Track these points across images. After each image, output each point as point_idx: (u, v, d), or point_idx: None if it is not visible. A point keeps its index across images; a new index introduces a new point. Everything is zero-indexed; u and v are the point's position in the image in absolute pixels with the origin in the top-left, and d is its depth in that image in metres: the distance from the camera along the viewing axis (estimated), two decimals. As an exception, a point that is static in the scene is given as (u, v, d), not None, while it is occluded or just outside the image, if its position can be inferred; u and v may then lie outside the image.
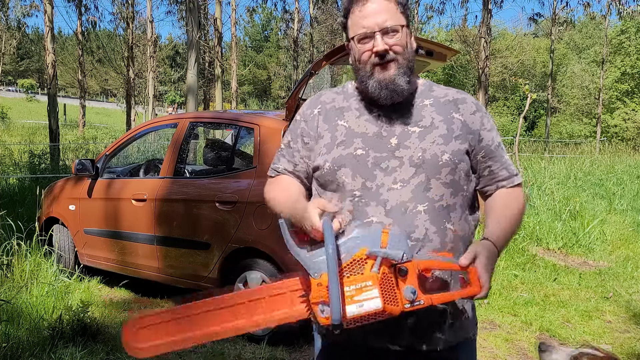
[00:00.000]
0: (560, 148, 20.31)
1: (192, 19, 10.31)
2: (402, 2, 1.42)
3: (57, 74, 12.93)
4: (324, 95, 1.54)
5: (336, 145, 1.43)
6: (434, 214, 1.37)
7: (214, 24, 21.18)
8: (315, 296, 1.21)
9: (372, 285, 1.18)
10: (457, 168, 1.39)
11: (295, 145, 1.52)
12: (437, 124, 1.42)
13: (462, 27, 25.88)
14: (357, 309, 1.18)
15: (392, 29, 1.38)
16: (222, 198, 3.80)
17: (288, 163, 1.52)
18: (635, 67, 28.15)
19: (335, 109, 1.49)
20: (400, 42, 1.39)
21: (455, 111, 1.45)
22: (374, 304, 1.18)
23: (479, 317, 4.31)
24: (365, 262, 1.20)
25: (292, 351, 3.52)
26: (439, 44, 3.97)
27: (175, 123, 4.50)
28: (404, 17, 1.42)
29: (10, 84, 56.22)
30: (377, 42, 1.38)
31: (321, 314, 1.20)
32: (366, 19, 1.39)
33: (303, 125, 1.51)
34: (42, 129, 24.03)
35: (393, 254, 1.19)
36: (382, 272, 1.19)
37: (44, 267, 4.35)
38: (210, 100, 30.45)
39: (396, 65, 1.40)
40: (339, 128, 1.45)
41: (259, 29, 56.62)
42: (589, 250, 6.26)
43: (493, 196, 1.48)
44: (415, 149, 1.39)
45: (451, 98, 1.48)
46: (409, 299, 1.21)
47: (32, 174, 9.54)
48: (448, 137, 1.41)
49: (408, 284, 1.21)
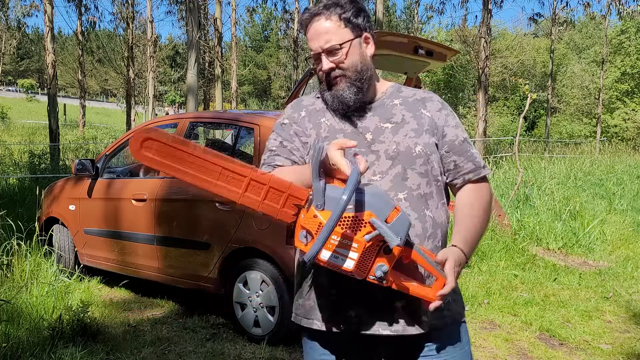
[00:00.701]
0: (560, 148, 20.30)
1: (192, 19, 10.31)
2: (346, 17, 1.49)
3: (57, 74, 12.94)
4: (304, 100, 1.64)
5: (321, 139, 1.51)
6: (414, 202, 1.46)
7: (214, 24, 21.19)
8: (305, 223, 1.26)
9: (356, 249, 1.24)
10: (430, 159, 1.50)
11: (291, 145, 1.57)
12: (407, 120, 1.53)
13: (462, 27, 25.89)
14: (332, 258, 1.24)
15: (334, 49, 1.48)
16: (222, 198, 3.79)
17: (285, 160, 1.56)
18: (635, 67, 28.13)
19: (317, 111, 1.59)
20: (343, 58, 1.49)
21: (423, 108, 1.56)
22: (347, 263, 1.25)
23: (478, 317, 4.33)
24: (364, 226, 1.24)
25: (292, 351, 3.52)
26: (439, 44, 3.98)
27: (175, 123, 4.50)
28: (350, 30, 1.49)
29: (10, 84, 56.23)
30: (323, 62, 1.50)
31: (302, 239, 1.26)
32: (312, 42, 1.51)
33: (295, 127, 1.59)
34: (42, 129, 24.04)
35: (390, 237, 1.22)
36: (371, 242, 1.24)
37: (44, 267, 4.35)
38: (210, 100, 30.47)
39: (345, 80, 1.50)
40: (322, 125, 1.56)
41: (259, 29, 56.62)
42: (589, 250, 6.26)
43: (459, 193, 1.57)
44: (389, 143, 1.49)
45: (419, 97, 1.59)
46: (377, 275, 1.27)
47: (32, 174, 9.54)
48: (419, 131, 1.52)
49: (384, 262, 1.27)
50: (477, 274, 5.17)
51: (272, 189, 1.34)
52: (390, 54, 4.11)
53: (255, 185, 1.35)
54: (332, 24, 1.49)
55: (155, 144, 1.34)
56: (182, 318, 4.12)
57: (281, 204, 1.35)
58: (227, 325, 3.96)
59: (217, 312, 4.18)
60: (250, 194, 1.35)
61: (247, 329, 3.74)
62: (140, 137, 1.33)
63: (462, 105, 29.87)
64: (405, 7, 38.48)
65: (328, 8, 1.49)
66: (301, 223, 1.28)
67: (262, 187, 1.35)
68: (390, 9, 37.91)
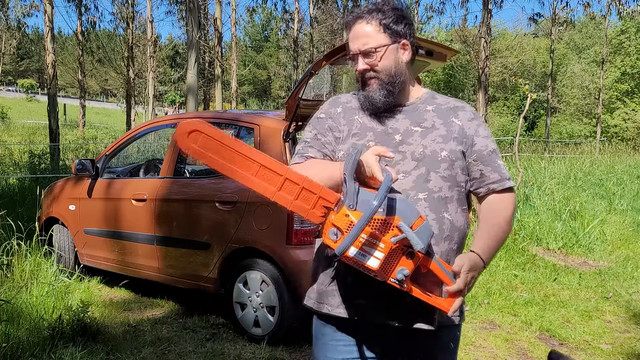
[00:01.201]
0: (560, 148, 20.31)
1: (192, 19, 10.31)
2: (386, 23, 1.57)
3: (57, 74, 12.93)
4: (342, 97, 1.72)
5: (351, 136, 1.61)
6: (433, 203, 1.52)
7: (214, 24, 21.19)
8: (337, 220, 1.34)
9: (382, 249, 1.32)
10: (454, 165, 1.56)
11: (324, 139, 1.65)
12: (437, 126, 1.59)
13: (462, 27, 25.87)
14: (359, 255, 1.32)
15: (369, 51, 1.57)
16: (222, 198, 3.80)
17: (317, 152, 1.64)
18: (635, 67, 28.13)
19: (352, 108, 1.67)
20: (377, 61, 1.57)
21: (455, 117, 1.62)
22: (373, 262, 1.32)
23: (478, 317, 4.32)
24: (392, 229, 1.32)
25: (292, 351, 3.53)
26: (439, 44, 3.97)
27: (175, 123, 4.50)
28: (388, 36, 1.58)
29: (10, 84, 56.21)
30: (359, 63, 1.59)
31: (332, 236, 1.34)
32: (351, 43, 1.60)
33: (330, 122, 1.66)
34: (42, 129, 24.04)
35: (415, 242, 1.30)
36: (397, 245, 1.33)
37: (44, 267, 4.35)
38: (210, 100, 30.47)
39: (377, 82, 1.58)
40: (355, 123, 1.63)
41: (259, 29, 56.61)
42: (589, 250, 6.26)
43: (484, 203, 1.63)
44: (417, 145, 1.56)
45: (452, 106, 1.66)
46: (398, 278, 1.34)
47: (32, 174, 9.54)
48: (447, 138, 1.58)
49: (406, 267, 1.34)
50: (477, 274, 5.17)
51: (304, 189, 1.41)
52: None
53: (289, 185, 1.42)
54: (372, 29, 1.57)
55: (202, 137, 1.42)
56: (182, 318, 4.12)
57: (311, 205, 1.41)
58: (227, 325, 3.96)
59: (217, 312, 4.18)
60: (284, 192, 1.42)
61: (247, 329, 3.74)
62: (188, 127, 1.42)
63: (462, 105, 29.82)
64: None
65: (370, 13, 1.59)
66: (332, 221, 1.35)
67: (295, 187, 1.41)
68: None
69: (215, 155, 1.42)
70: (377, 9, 1.59)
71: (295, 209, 1.42)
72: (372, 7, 1.60)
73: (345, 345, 1.58)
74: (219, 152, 1.42)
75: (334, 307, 1.57)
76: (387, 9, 1.59)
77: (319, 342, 1.64)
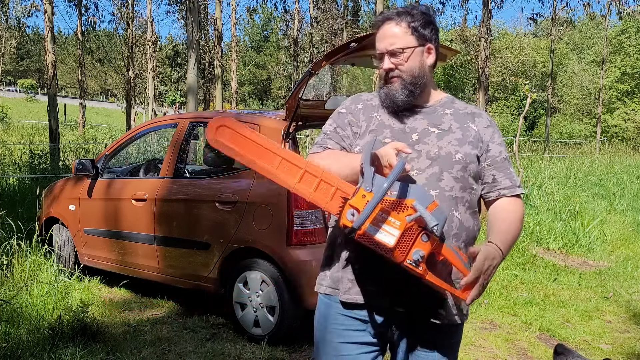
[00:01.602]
0: (560, 148, 20.30)
1: (192, 19, 10.31)
2: (414, 26, 1.64)
3: (57, 74, 12.93)
4: (364, 95, 1.80)
5: (368, 132, 1.68)
6: (444, 201, 1.56)
7: (214, 24, 21.18)
8: (354, 202, 1.39)
9: (398, 227, 1.37)
10: (468, 168, 1.62)
11: (343, 132, 1.73)
12: (454, 130, 1.66)
13: (462, 27, 25.87)
14: (375, 232, 1.37)
15: (396, 51, 1.63)
16: (222, 198, 3.80)
17: (335, 144, 1.71)
18: (635, 67, 28.13)
19: (372, 106, 1.74)
20: (403, 62, 1.63)
21: (472, 122, 1.70)
22: (388, 238, 1.37)
23: (478, 317, 4.32)
24: (407, 209, 1.39)
25: (292, 351, 3.53)
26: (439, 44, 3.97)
27: (175, 123, 4.50)
28: (415, 39, 1.64)
29: (10, 84, 56.19)
30: (385, 62, 1.65)
31: (349, 216, 1.39)
32: (380, 42, 1.66)
33: (350, 117, 1.74)
34: (42, 129, 24.03)
35: (429, 218, 1.37)
36: (411, 225, 1.38)
37: (44, 267, 4.35)
38: (210, 100, 30.46)
39: (400, 81, 1.64)
40: (374, 120, 1.70)
41: (259, 29, 56.59)
42: (589, 250, 6.26)
43: (494, 205, 1.68)
44: (432, 146, 1.62)
45: (469, 111, 1.73)
46: (414, 259, 1.38)
47: (32, 174, 9.53)
48: (462, 141, 1.64)
49: (422, 248, 1.39)
50: (477, 274, 5.17)
51: (322, 181, 1.49)
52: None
53: (308, 177, 1.48)
54: (400, 30, 1.64)
55: (228, 131, 1.51)
56: (182, 318, 4.12)
57: (330, 196, 1.48)
58: (227, 325, 3.96)
59: (217, 312, 4.18)
60: (304, 184, 1.48)
61: (247, 329, 3.74)
62: (216, 123, 1.51)
63: (462, 105, 29.84)
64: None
65: (400, 15, 1.65)
66: (350, 203, 1.41)
67: (314, 179, 1.48)
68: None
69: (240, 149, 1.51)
70: (406, 12, 1.65)
71: (314, 199, 1.48)
72: (402, 9, 1.66)
73: (356, 331, 1.63)
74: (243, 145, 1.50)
75: (346, 293, 1.62)
76: (416, 12, 1.66)
77: (328, 328, 1.67)
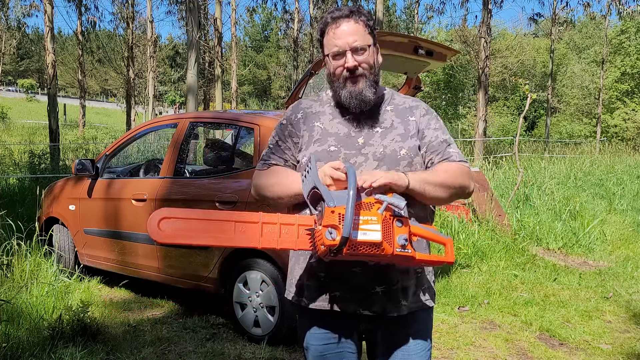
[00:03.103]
0: (560, 148, 20.30)
1: (192, 19, 10.31)
2: (370, 25, 1.65)
3: (57, 74, 12.94)
4: (303, 103, 1.77)
5: (313, 142, 1.67)
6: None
7: (214, 24, 21.19)
8: (327, 221, 1.39)
9: (376, 221, 1.40)
10: (413, 161, 1.64)
11: (284, 145, 1.72)
12: (396, 125, 1.68)
13: (462, 27, 25.88)
14: (362, 235, 1.39)
15: (361, 48, 1.62)
16: (222, 198, 3.80)
17: (279, 159, 1.72)
18: (635, 67, 28.11)
19: (313, 114, 1.72)
20: (367, 59, 1.63)
21: (411, 115, 1.71)
22: (374, 235, 1.39)
23: (478, 317, 4.32)
24: (374, 205, 1.43)
25: (292, 351, 3.52)
26: (439, 44, 3.98)
27: (175, 123, 4.50)
28: (372, 37, 1.65)
29: (10, 84, 56.18)
30: (348, 59, 1.62)
31: (329, 235, 1.39)
32: (339, 40, 1.62)
33: (290, 128, 1.72)
34: (42, 129, 24.03)
35: (396, 202, 1.42)
36: (385, 216, 1.41)
37: (44, 267, 4.35)
38: (210, 100, 30.45)
39: (364, 79, 1.64)
40: (315, 129, 1.69)
41: (259, 29, 56.58)
42: (589, 250, 6.26)
43: None
44: (377, 146, 1.64)
45: (407, 105, 1.74)
46: (400, 244, 1.42)
47: (32, 174, 9.54)
48: (405, 136, 1.67)
49: (402, 232, 1.43)
50: (477, 274, 5.17)
51: (282, 225, 1.48)
52: (390, 54, 4.10)
53: (268, 227, 1.47)
54: (360, 27, 1.63)
55: (171, 221, 1.45)
56: (182, 318, 4.12)
57: (296, 235, 1.48)
58: (227, 325, 3.96)
59: (217, 312, 4.18)
60: (267, 237, 1.47)
61: (247, 329, 3.74)
62: (156, 219, 1.44)
63: (462, 105, 29.78)
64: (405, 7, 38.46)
65: (356, 14, 1.64)
66: (323, 224, 1.40)
67: (274, 226, 1.47)
68: (390, 8, 37.89)
69: (191, 233, 1.45)
70: (359, 11, 1.65)
71: (283, 246, 1.48)
72: (354, 8, 1.65)
73: (326, 332, 1.68)
74: (194, 229, 1.45)
75: (312, 301, 1.66)
76: (367, 12, 1.67)
77: (304, 330, 1.74)
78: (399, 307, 1.63)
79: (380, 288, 1.60)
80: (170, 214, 1.45)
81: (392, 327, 1.67)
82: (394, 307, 1.62)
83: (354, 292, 1.60)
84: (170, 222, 1.44)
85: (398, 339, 1.68)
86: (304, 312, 1.72)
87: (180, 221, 1.44)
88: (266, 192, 1.68)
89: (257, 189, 1.71)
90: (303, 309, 1.71)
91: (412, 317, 1.67)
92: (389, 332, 1.68)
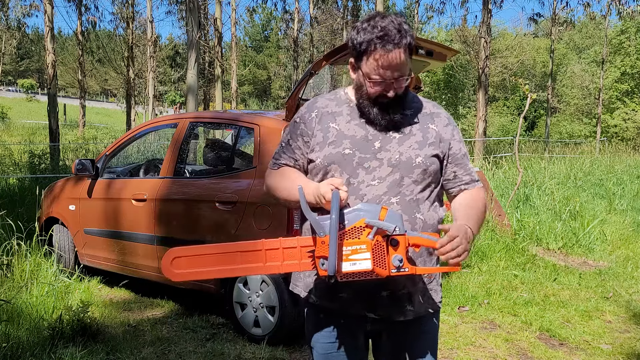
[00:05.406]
0: (560, 148, 20.29)
1: (192, 19, 10.30)
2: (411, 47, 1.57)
3: (57, 74, 12.94)
4: (319, 101, 1.74)
5: (327, 144, 1.65)
6: (405, 205, 1.60)
7: (214, 24, 21.18)
8: (319, 251, 1.43)
9: (366, 249, 1.41)
10: (428, 169, 1.64)
11: (295, 144, 1.71)
12: (414, 132, 1.66)
13: (462, 27, 25.85)
14: (350, 266, 1.42)
15: (404, 79, 1.59)
16: (222, 198, 3.80)
17: (289, 159, 1.72)
18: (635, 67, 28.11)
19: (329, 113, 1.69)
20: (402, 86, 1.60)
21: (432, 123, 1.69)
22: (364, 264, 1.41)
23: (478, 317, 4.32)
24: (363, 230, 1.43)
25: (292, 351, 3.53)
26: (439, 44, 3.97)
27: (175, 123, 4.50)
28: (410, 60, 1.59)
29: (10, 84, 56.18)
30: (390, 90, 1.57)
31: (321, 266, 1.43)
32: (386, 70, 1.54)
33: (302, 127, 1.70)
34: (42, 129, 24.02)
35: (386, 225, 1.41)
36: (376, 240, 1.42)
37: (44, 267, 4.35)
38: (210, 100, 30.44)
39: (396, 102, 1.61)
40: (331, 130, 1.66)
41: (259, 29, 56.56)
42: (589, 250, 6.26)
43: (458, 197, 1.73)
44: (394, 152, 1.62)
45: (429, 111, 1.72)
46: (395, 266, 1.43)
47: (32, 174, 9.53)
48: (423, 144, 1.65)
49: (397, 253, 1.43)
50: (477, 274, 5.17)
51: (284, 249, 1.52)
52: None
53: (271, 253, 1.52)
54: (405, 56, 1.55)
55: (183, 260, 1.55)
56: (182, 318, 4.12)
57: (299, 258, 1.52)
58: (227, 325, 3.96)
59: (217, 312, 4.18)
60: (271, 262, 1.52)
61: (247, 329, 3.74)
62: (169, 259, 1.56)
63: (462, 105, 29.86)
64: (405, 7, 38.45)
65: (403, 37, 1.53)
66: (316, 255, 1.45)
67: (277, 252, 1.51)
68: (390, 8, 37.90)
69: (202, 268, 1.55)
70: (407, 33, 1.55)
71: (287, 269, 1.52)
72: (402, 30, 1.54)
73: (333, 330, 1.70)
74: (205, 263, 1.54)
75: (319, 299, 1.69)
76: (411, 32, 1.57)
77: (310, 325, 1.76)
78: (405, 311, 1.64)
79: (386, 292, 1.61)
80: (183, 253, 1.55)
81: (399, 329, 1.68)
82: (400, 312, 1.64)
83: (360, 295, 1.61)
84: (184, 260, 1.54)
85: (404, 342, 1.69)
86: (311, 309, 1.74)
87: (194, 258, 1.55)
88: (277, 193, 1.71)
89: (268, 189, 1.75)
90: (311, 305, 1.73)
91: (419, 321, 1.68)
92: (395, 335, 1.69)
